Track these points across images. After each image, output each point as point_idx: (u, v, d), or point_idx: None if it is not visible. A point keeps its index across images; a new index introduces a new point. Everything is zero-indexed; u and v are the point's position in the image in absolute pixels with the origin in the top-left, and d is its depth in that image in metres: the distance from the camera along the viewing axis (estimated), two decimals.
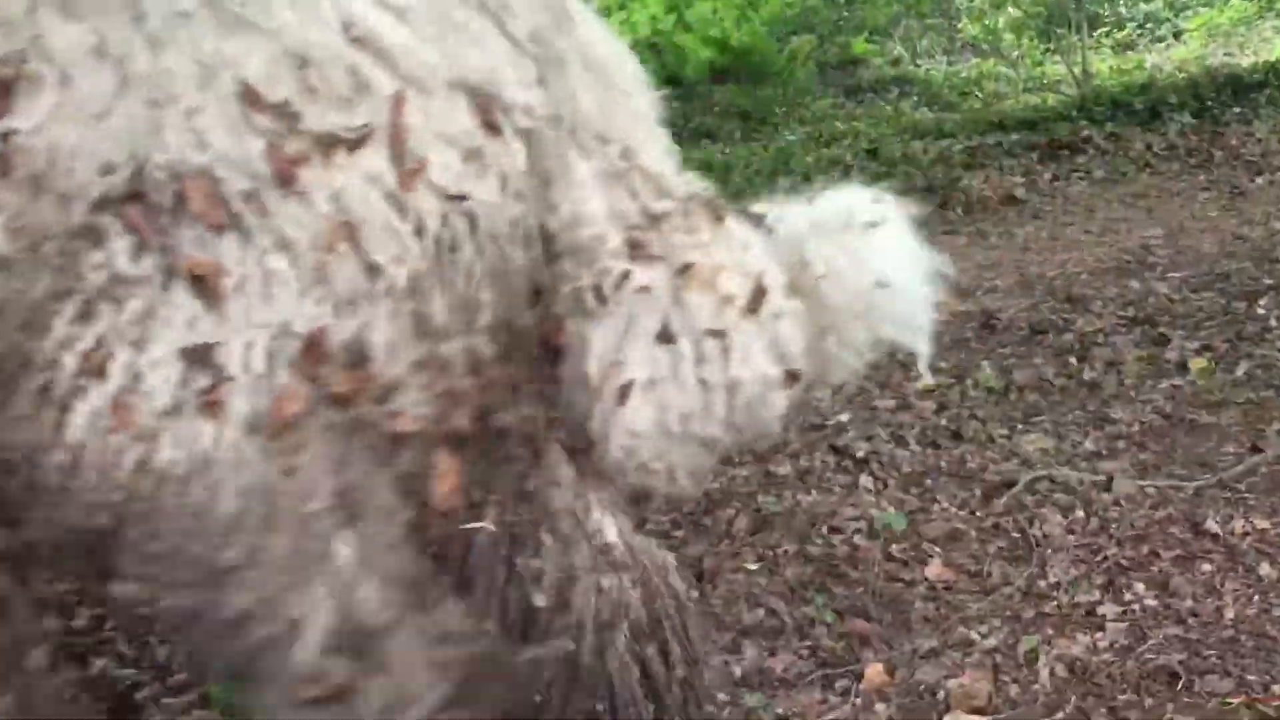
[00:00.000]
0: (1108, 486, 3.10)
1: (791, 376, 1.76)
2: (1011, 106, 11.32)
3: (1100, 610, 2.57)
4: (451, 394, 1.56)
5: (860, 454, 3.46)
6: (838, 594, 2.76)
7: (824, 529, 3.05)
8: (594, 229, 1.68)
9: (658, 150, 1.82)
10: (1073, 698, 2.30)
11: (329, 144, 1.40)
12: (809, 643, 2.59)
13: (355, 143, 1.41)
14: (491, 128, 1.52)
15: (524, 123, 1.56)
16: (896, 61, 14.82)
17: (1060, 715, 2.25)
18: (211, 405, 1.36)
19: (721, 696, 2.41)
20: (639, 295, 1.70)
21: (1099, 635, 2.48)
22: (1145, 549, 2.79)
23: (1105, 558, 2.78)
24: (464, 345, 1.55)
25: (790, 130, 11.56)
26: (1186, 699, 2.25)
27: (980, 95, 12.77)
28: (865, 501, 3.18)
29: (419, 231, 1.46)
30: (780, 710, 2.37)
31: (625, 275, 1.69)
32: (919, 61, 14.85)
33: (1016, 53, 13.94)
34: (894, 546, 2.94)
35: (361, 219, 1.41)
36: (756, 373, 1.73)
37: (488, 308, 1.56)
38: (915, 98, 12.86)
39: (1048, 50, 13.34)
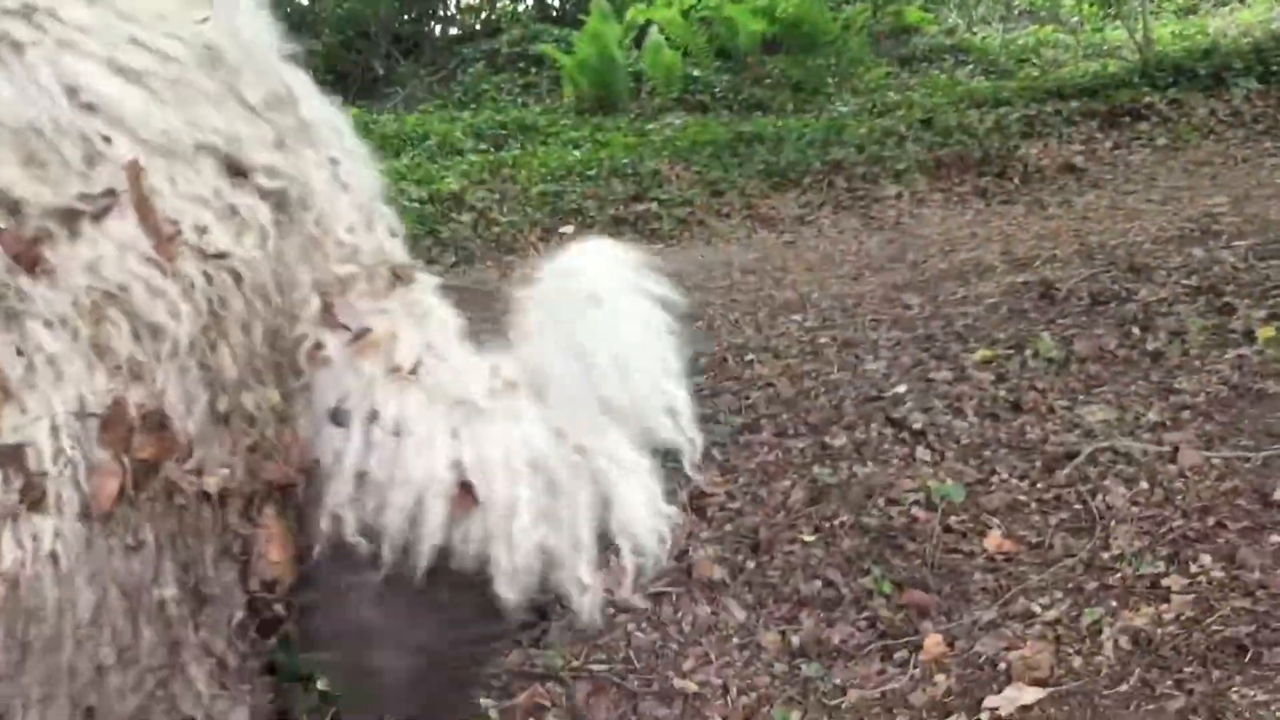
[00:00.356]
0: (1173, 457, 3.04)
1: (466, 490, 1.62)
2: (1070, 74, 11.13)
3: (1165, 582, 2.52)
4: (259, 445, 1.56)
5: (917, 425, 3.43)
6: (895, 565, 2.74)
7: (881, 500, 3.03)
8: (300, 292, 1.66)
9: (356, 218, 1.76)
10: (1137, 670, 2.26)
11: (69, 218, 1.37)
12: (867, 614, 2.57)
13: (99, 213, 1.39)
14: (242, 187, 1.53)
15: (269, 183, 1.56)
16: (952, 30, 14.62)
17: (1124, 688, 2.22)
18: (37, 500, 1.35)
19: (779, 667, 2.41)
20: (324, 366, 1.65)
21: (1164, 607, 2.43)
22: (1211, 520, 2.73)
23: (1170, 529, 2.73)
24: (258, 397, 1.56)
25: (843, 101, 11.45)
26: (1254, 671, 2.20)
27: (1038, 63, 12.56)
28: (923, 473, 3.15)
29: (188, 291, 1.45)
30: (838, 681, 2.36)
31: (317, 345, 1.66)
32: (975, 29, 14.64)
33: (1075, 18, 13.70)
34: (952, 518, 2.91)
35: (126, 285, 1.40)
36: (424, 472, 1.61)
37: (268, 359, 1.58)
38: (971, 66, 12.68)
39: (1107, 15, 13.07)
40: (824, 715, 2.27)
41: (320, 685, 2.30)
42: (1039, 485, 3.04)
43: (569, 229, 7.72)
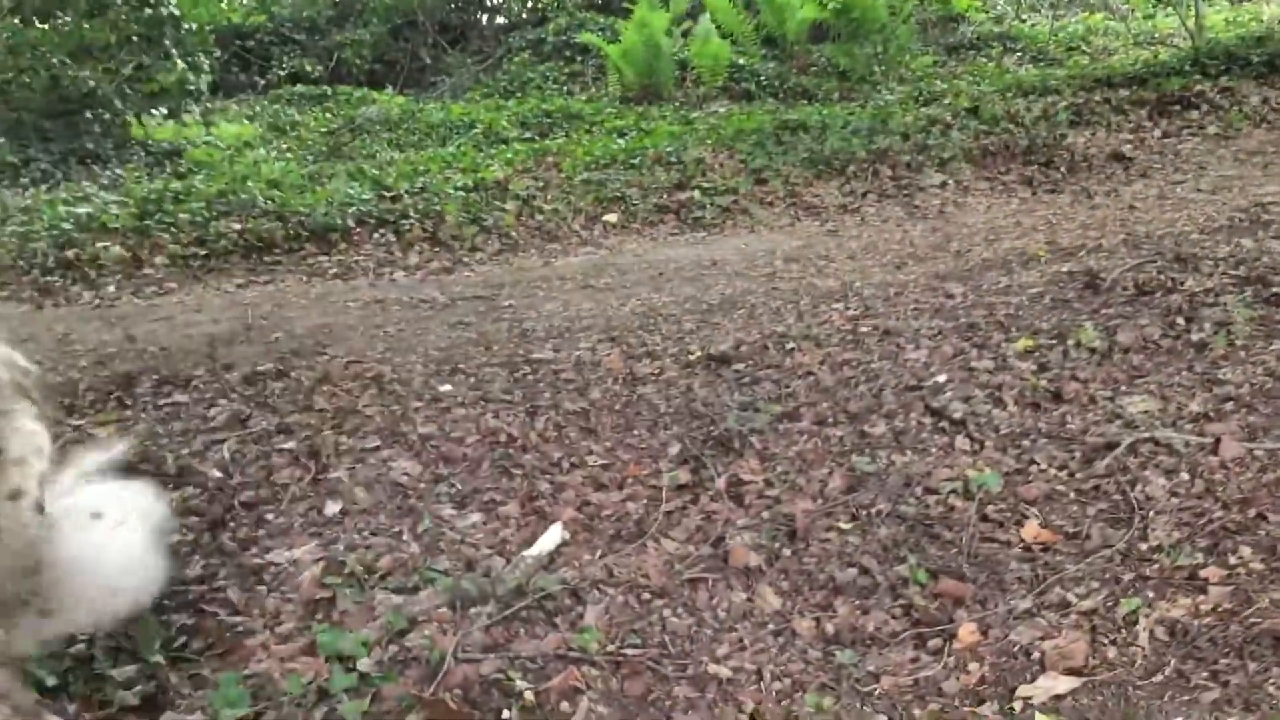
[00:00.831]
0: (1214, 449, 3.02)
1: None
2: (1120, 62, 10.99)
3: (1203, 573, 2.50)
4: None
5: (957, 415, 3.42)
6: (931, 554, 2.74)
7: (919, 489, 3.03)
8: None
9: None
10: (1172, 660, 2.25)
11: None
12: (902, 601, 2.58)
13: None
14: None
15: None
16: (1000, 18, 14.47)
17: (1159, 678, 2.21)
18: None
19: (813, 653, 2.43)
20: None
21: (1201, 599, 2.42)
22: (1252, 512, 2.71)
23: (1210, 521, 2.71)
24: None
25: (889, 89, 11.37)
26: None
27: (1087, 50, 12.42)
28: (961, 462, 3.15)
29: None
30: (872, 668, 2.37)
31: None
32: (1024, 16, 14.48)
33: (1126, 6, 13.50)
34: (989, 507, 2.90)
35: None
36: None
37: None
38: (1019, 54, 12.56)
39: (1159, 3, 12.89)
40: (857, 701, 2.28)
41: (362, 665, 2.35)
42: (1078, 475, 3.02)
43: (612, 217, 7.75)
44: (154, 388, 4.17)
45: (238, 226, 7.04)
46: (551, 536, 2.90)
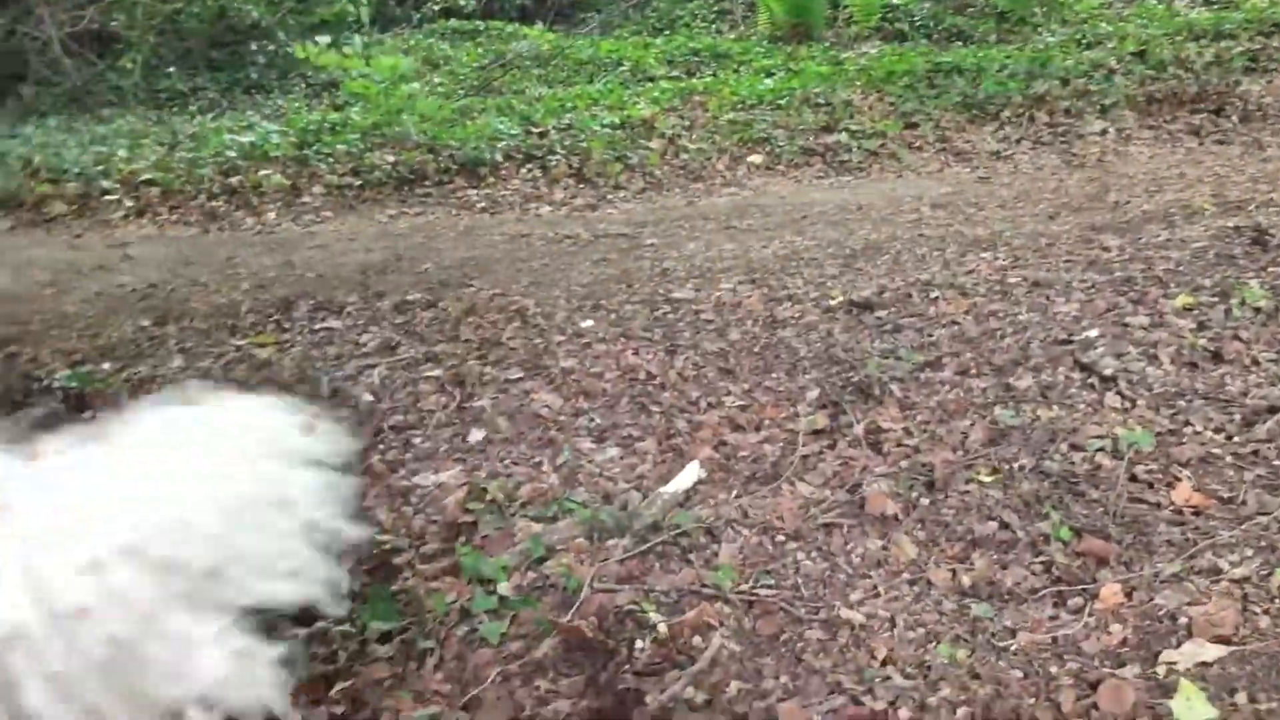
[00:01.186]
0: None
1: None
2: None
3: None
4: None
5: (1108, 371, 3.32)
6: (1075, 511, 2.68)
7: (1064, 445, 2.96)
8: None
9: None
10: None
11: None
12: (1043, 558, 2.53)
13: None
14: None
15: None
16: None
17: None
18: None
19: (948, 605, 2.41)
20: None
21: None
22: None
23: None
24: None
25: (1050, 31, 10.96)
26: None
27: None
28: (1110, 420, 3.06)
29: None
30: (1008, 623, 2.34)
31: None
32: None
33: None
34: (1139, 467, 2.82)
35: None
36: None
37: None
38: None
39: None
40: (992, 655, 2.25)
41: (501, 589, 2.43)
42: (1235, 439, 2.91)
43: (757, 158, 7.68)
44: (310, 312, 4.33)
45: (391, 159, 7.20)
46: (688, 474, 2.93)
